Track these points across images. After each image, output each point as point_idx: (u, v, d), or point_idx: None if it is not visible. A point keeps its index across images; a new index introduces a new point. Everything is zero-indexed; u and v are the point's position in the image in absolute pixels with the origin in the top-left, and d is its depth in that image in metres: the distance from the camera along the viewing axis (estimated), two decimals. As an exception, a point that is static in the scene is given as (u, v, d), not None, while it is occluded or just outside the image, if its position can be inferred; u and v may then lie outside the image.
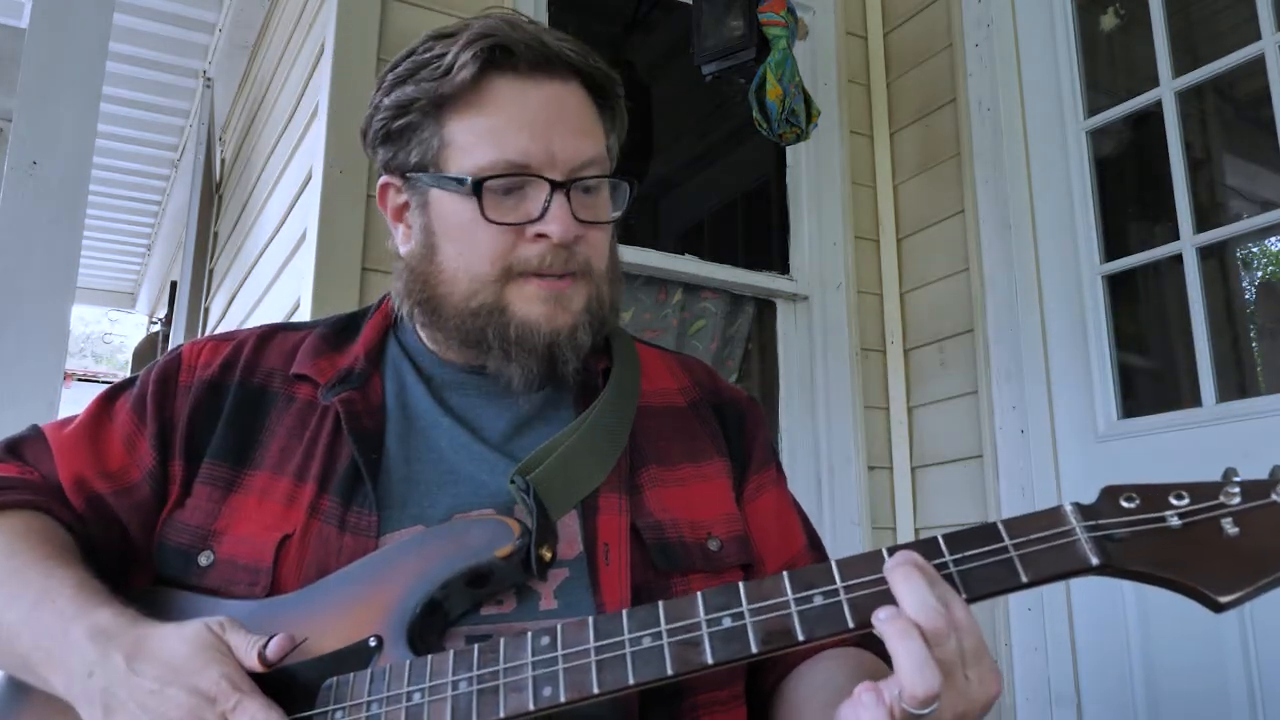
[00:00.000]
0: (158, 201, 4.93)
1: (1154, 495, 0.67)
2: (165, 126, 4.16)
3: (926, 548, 0.68)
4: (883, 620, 0.64)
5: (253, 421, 0.91)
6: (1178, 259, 2.12)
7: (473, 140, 0.89)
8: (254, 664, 0.72)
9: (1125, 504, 0.67)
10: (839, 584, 0.67)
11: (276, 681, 0.73)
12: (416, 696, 0.69)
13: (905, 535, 2.46)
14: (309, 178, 2.03)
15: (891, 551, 0.68)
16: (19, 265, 1.81)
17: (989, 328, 2.31)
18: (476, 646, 0.70)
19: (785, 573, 0.68)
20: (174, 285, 4.26)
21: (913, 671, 0.62)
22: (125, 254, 5.72)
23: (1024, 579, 0.65)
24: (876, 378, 2.55)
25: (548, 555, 0.79)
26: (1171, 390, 2.64)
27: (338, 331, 1.00)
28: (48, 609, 0.77)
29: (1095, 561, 0.65)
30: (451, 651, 0.70)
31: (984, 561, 0.66)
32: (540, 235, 0.88)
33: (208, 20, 3.37)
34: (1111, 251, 2.24)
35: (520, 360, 0.89)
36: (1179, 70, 2.17)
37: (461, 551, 0.77)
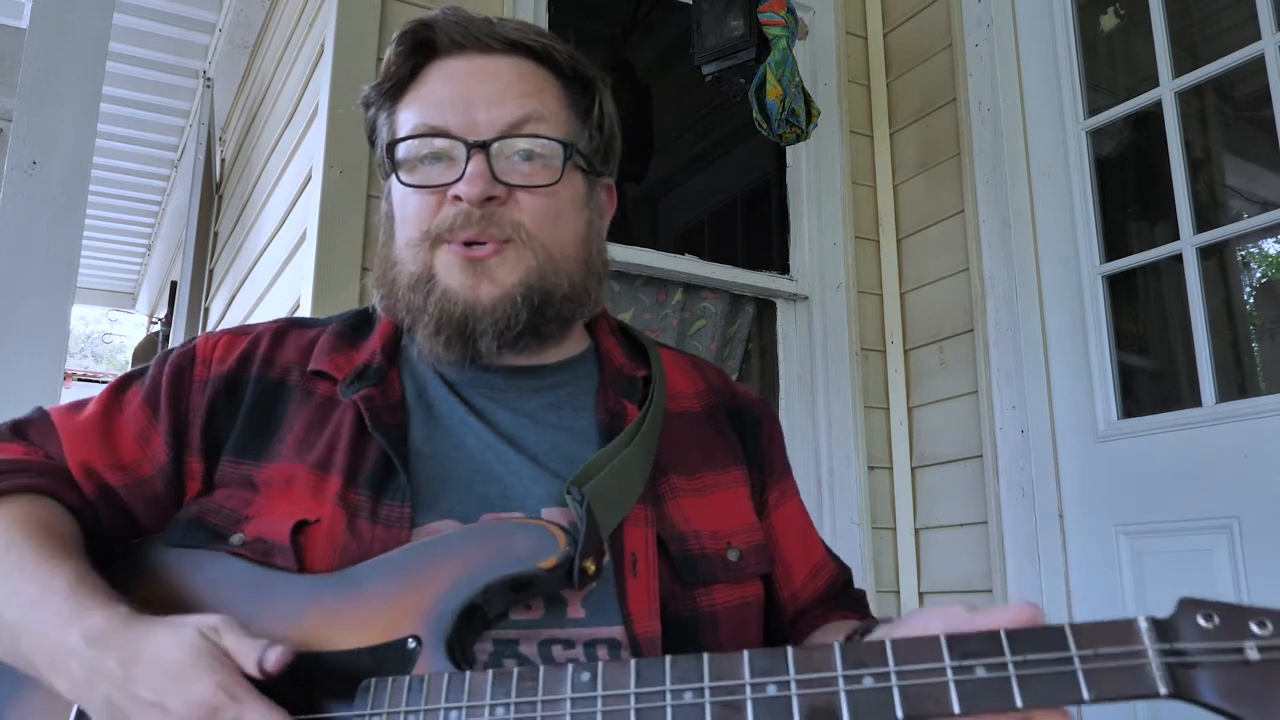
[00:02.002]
0: (158, 201, 4.93)
1: (1234, 618, 0.62)
2: (165, 126, 4.16)
3: (986, 642, 0.64)
4: None
5: (271, 415, 0.91)
6: (1178, 259, 2.12)
7: (405, 116, 0.92)
8: (253, 672, 0.71)
9: (1203, 623, 0.62)
10: (892, 667, 0.64)
11: (313, 668, 0.73)
12: (454, 715, 0.68)
13: (905, 535, 2.46)
14: (309, 178, 2.03)
15: (951, 640, 0.64)
16: (19, 265, 1.81)
17: (989, 328, 2.31)
18: (516, 671, 0.69)
19: (836, 644, 0.65)
20: (174, 285, 4.27)
21: None
22: (125, 254, 5.72)
23: (1086, 696, 0.62)
24: (876, 378, 2.55)
25: (591, 568, 0.77)
26: (1171, 390, 2.65)
27: (353, 327, 1.00)
28: (44, 609, 0.76)
29: (1164, 691, 0.61)
30: (490, 673, 0.69)
31: (1046, 670, 0.63)
32: (457, 198, 0.87)
33: (208, 20, 3.37)
34: (1111, 251, 2.24)
35: (442, 332, 0.87)
36: (1179, 70, 2.17)
37: (506, 557, 0.76)
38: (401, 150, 0.90)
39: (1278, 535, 1.82)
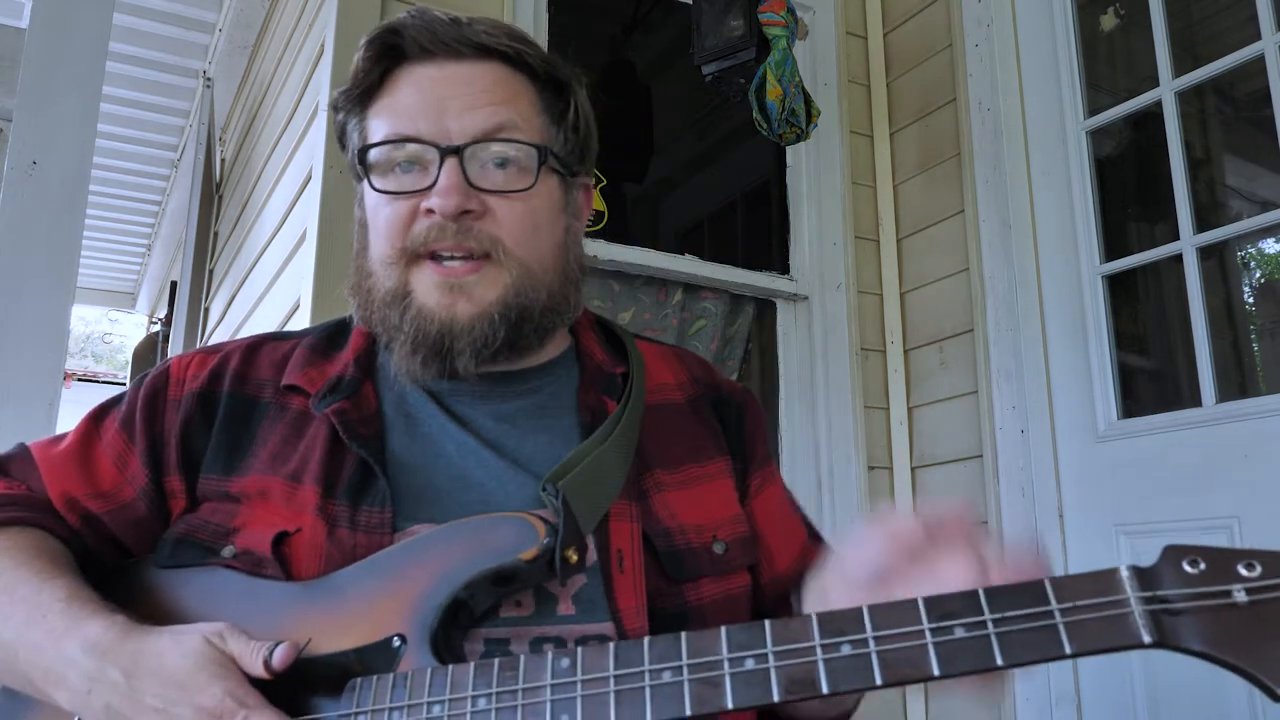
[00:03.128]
0: (158, 201, 4.93)
1: (1221, 561, 0.60)
2: (165, 126, 4.16)
3: (965, 601, 0.63)
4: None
5: (244, 431, 0.90)
6: (1178, 259, 2.12)
7: (377, 124, 0.91)
8: (259, 672, 0.72)
9: (1188, 569, 0.60)
10: (869, 634, 0.63)
11: (302, 673, 0.74)
12: (436, 709, 0.69)
13: (905, 535, 2.45)
14: (309, 178, 2.03)
15: (929, 602, 0.63)
16: (19, 265, 1.81)
17: (989, 328, 2.31)
18: (497, 661, 0.69)
19: (814, 615, 0.65)
20: (174, 285, 4.27)
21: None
22: (125, 254, 5.72)
23: (1067, 649, 0.60)
24: (876, 378, 2.55)
25: (574, 558, 0.77)
26: (1171, 390, 2.65)
27: (327, 339, 0.99)
28: (39, 625, 0.77)
29: (1147, 639, 0.59)
30: (472, 665, 0.70)
31: (1025, 625, 0.61)
32: (430, 211, 0.85)
33: (208, 20, 3.37)
34: (1111, 251, 2.24)
35: (419, 352, 0.86)
36: (1179, 70, 2.17)
37: (487, 551, 0.76)
38: (373, 155, 0.89)
39: (1278, 535, 1.82)
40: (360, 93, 0.92)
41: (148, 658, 0.72)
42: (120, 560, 0.91)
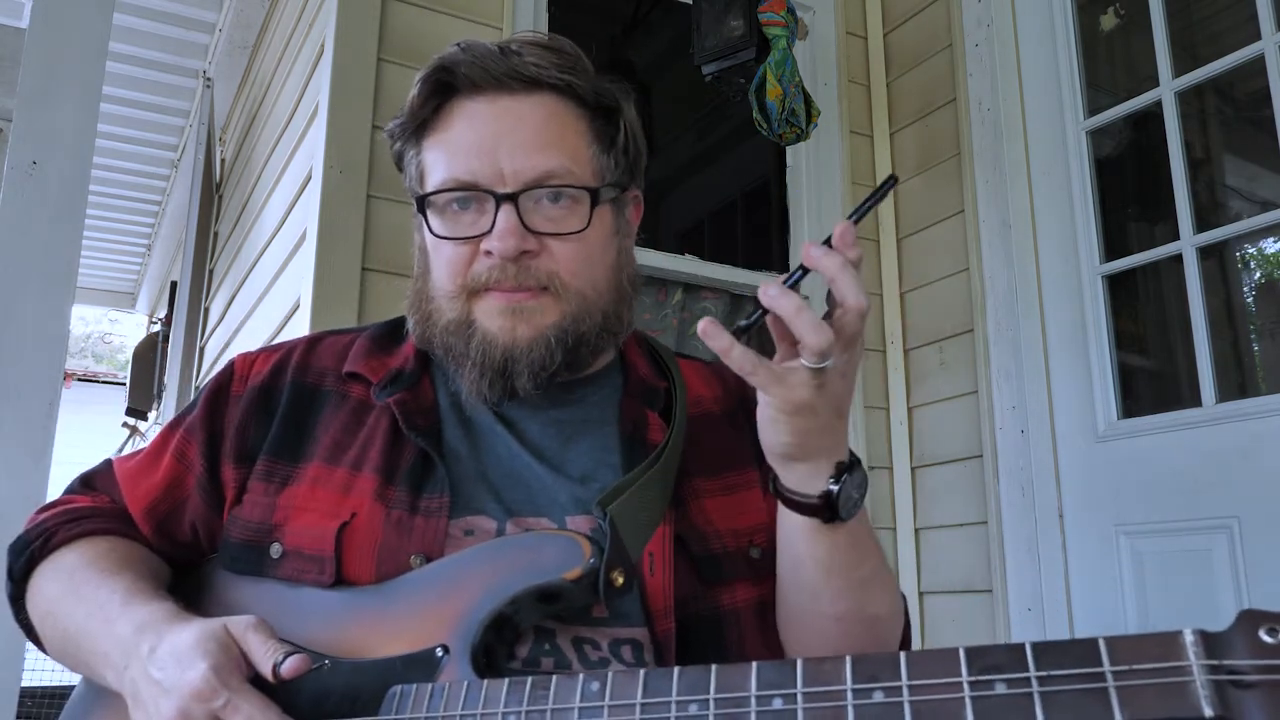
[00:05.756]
0: (158, 201, 4.94)
1: None
2: (165, 126, 4.16)
3: (1010, 655, 0.59)
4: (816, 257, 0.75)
5: (306, 418, 0.93)
6: (1177, 259, 2.12)
7: (433, 162, 0.93)
8: (266, 674, 0.73)
9: (1265, 638, 0.55)
10: (904, 682, 0.61)
11: (349, 677, 0.76)
12: None
13: (905, 535, 2.46)
14: (309, 178, 2.03)
15: (969, 653, 0.60)
16: (19, 265, 1.81)
17: (989, 328, 2.31)
18: (530, 680, 0.70)
19: (849, 656, 0.63)
20: (174, 285, 4.27)
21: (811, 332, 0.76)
22: (125, 254, 5.73)
23: (1118, 716, 0.56)
24: (876, 378, 2.55)
25: (618, 580, 0.79)
26: (1171, 390, 2.64)
27: (388, 334, 1.02)
28: (97, 616, 0.82)
29: (1208, 712, 0.55)
30: (506, 681, 0.71)
31: (1074, 686, 0.57)
32: (489, 252, 0.88)
33: (208, 20, 3.38)
34: (1111, 251, 2.24)
35: (485, 375, 0.89)
36: (1179, 70, 2.17)
37: (534, 569, 0.78)
38: (431, 201, 0.92)
39: (1278, 535, 1.82)
40: (416, 126, 0.94)
41: (172, 635, 0.75)
42: (192, 557, 0.95)
